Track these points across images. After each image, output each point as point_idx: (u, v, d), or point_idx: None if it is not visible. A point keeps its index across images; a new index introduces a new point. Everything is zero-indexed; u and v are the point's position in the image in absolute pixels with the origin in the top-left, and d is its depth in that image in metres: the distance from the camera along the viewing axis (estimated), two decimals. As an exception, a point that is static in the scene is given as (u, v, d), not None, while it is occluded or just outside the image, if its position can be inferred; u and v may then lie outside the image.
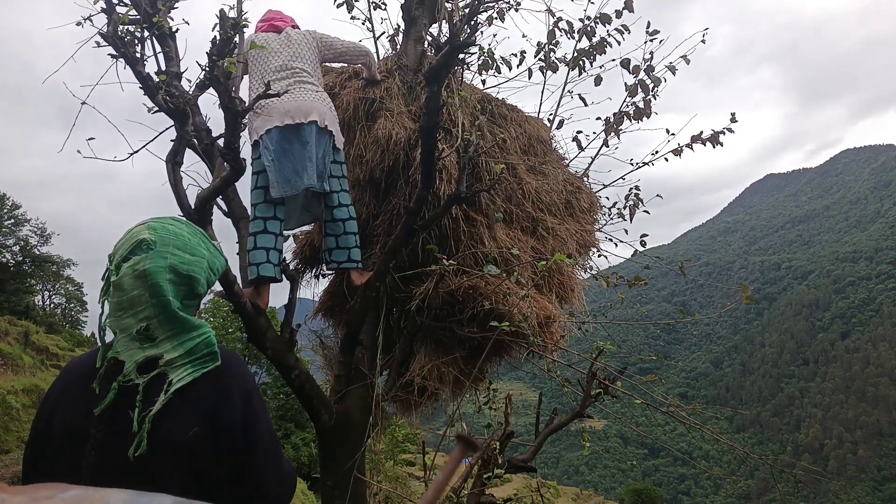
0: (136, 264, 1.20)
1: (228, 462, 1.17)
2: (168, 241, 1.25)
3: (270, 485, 1.24)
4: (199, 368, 1.18)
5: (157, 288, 1.20)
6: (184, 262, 1.25)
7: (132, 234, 1.25)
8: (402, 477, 16.76)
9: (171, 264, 1.23)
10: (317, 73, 2.92)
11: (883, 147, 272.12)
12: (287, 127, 2.68)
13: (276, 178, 2.68)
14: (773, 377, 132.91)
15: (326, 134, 2.78)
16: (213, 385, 1.19)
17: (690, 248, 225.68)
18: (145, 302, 1.19)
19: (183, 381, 1.16)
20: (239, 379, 1.24)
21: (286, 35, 2.92)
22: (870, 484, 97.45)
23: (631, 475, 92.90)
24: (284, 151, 2.69)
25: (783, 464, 3.69)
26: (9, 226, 26.85)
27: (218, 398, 1.18)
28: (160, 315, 1.19)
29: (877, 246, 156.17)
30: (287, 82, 2.76)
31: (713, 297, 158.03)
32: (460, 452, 0.73)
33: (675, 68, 3.95)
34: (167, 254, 1.23)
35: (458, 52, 2.22)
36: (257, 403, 1.24)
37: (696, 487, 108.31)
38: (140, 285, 1.20)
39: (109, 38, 2.52)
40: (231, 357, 1.27)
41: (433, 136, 2.44)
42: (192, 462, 1.13)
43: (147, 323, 1.19)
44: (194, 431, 1.13)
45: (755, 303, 5.23)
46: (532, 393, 4.10)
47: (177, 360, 1.18)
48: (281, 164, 2.69)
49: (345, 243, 2.88)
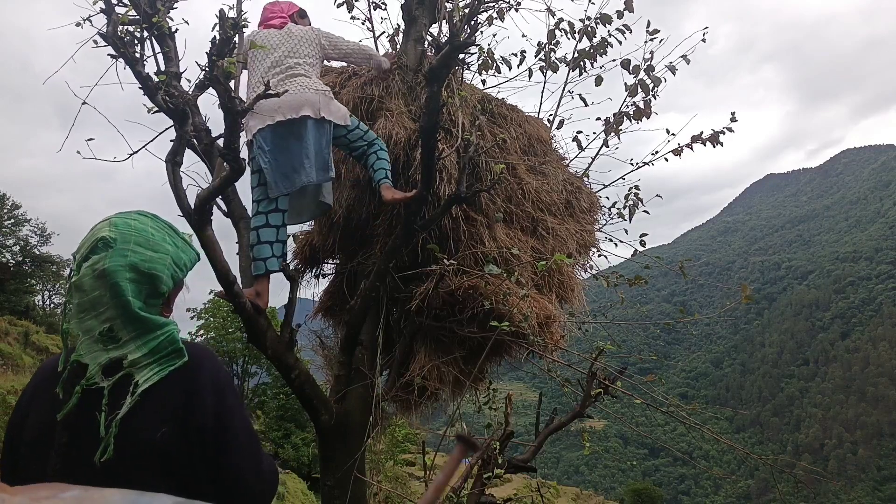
0: (96, 263, 1.17)
1: (203, 461, 1.15)
2: (129, 237, 1.21)
3: (249, 482, 1.21)
4: (165, 367, 1.15)
5: (117, 288, 1.16)
6: (145, 259, 1.20)
7: (93, 232, 1.21)
8: (402, 477, 16.77)
9: (131, 262, 1.19)
10: (315, 68, 2.89)
11: (883, 147, 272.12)
12: (279, 124, 2.67)
13: (274, 177, 2.68)
14: (773, 377, 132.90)
15: (325, 123, 2.76)
16: (182, 383, 1.15)
17: (690, 248, 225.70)
18: (107, 303, 1.16)
19: (150, 381, 1.12)
20: (211, 375, 1.20)
21: (287, 31, 2.90)
22: (870, 484, 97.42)
23: (631, 475, 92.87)
24: (280, 149, 2.68)
25: (783, 464, 3.69)
26: (9, 226, 26.85)
27: (188, 396, 1.15)
28: (122, 316, 1.16)
29: (877, 246, 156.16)
30: (278, 78, 2.74)
31: (713, 297, 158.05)
32: (460, 452, 0.72)
33: (675, 68, 3.95)
34: (127, 251, 1.19)
35: (459, 53, 2.22)
36: (231, 399, 1.21)
37: (696, 487, 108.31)
38: (100, 286, 1.16)
39: (109, 39, 2.52)
40: (202, 353, 1.23)
41: (433, 136, 2.43)
42: (165, 463, 1.11)
43: (110, 324, 1.15)
44: (163, 432, 1.10)
45: (755, 303, 5.23)
46: (532, 393, 4.10)
47: (141, 361, 1.14)
48: (278, 162, 2.68)
49: (381, 165, 2.86)
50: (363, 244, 3.30)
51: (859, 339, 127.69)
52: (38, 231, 27.96)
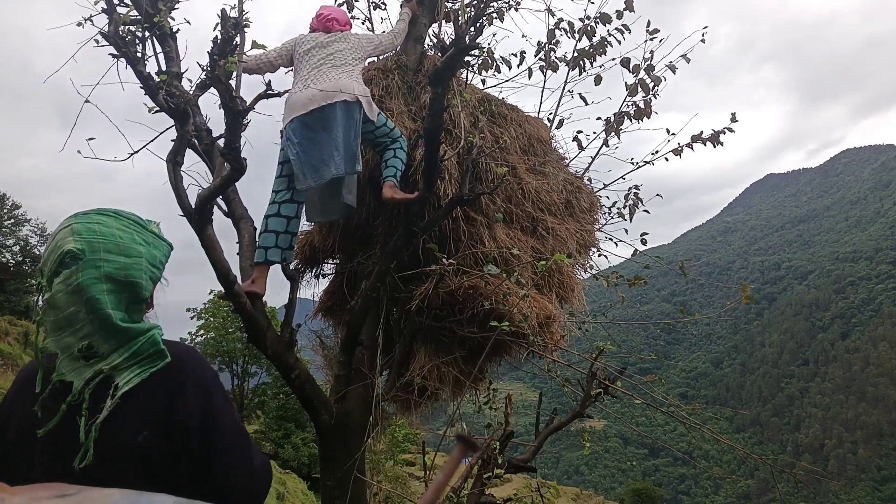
0: (69, 279, 1.09)
1: (191, 462, 1.13)
2: (97, 246, 1.12)
3: (239, 481, 1.18)
4: (146, 369, 1.12)
5: (95, 303, 1.09)
6: (119, 267, 1.13)
7: (56, 243, 1.13)
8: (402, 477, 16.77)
9: (105, 273, 1.11)
10: (356, 68, 2.94)
11: (883, 147, 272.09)
12: (310, 114, 2.71)
13: (302, 168, 2.70)
14: (773, 377, 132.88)
15: (356, 110, 2.78)
16: (164, 384, 1.12)
17: (690, 247, 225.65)
18: (83, 318, 1.10)
19: (130, 383, 1.09)
20: (195, 375, 1.17)
21: (342, 35, 2.97)
22: (870, 484, 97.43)
23: (631, 475, 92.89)
24: (310, 140, 2.72)
25: (783, 464, 3.69)
26: (9, 226, 26.84)
27: (171, 397, 1.12)
28: (102, 331, 1.11)
29: (877, 246, 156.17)
30: (318, 70, 2.82)
31: (713, 297, 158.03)
32: (460, 452, 0.72)
33: (675, 67, 3.95)
34: (99, 261, 1.11)
35: (464, 55, 2.21)
36: (217, 399, 1.18)
37: (696, 487, 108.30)
38: (75, 301, 1.09)
39: (111, 38, 2.52)
40: (186, 353, 1.19)
41: (437, 138, 2.43)
42: (147, 465, 1.09)
43: (89, 340, 1.10)
44: (144, 434, 1.08)
45: (755, 303, 5.23)
46: (532, 393, 4.10)
47: (121, 364, 1.11)
48: (307, 154, 2.71)
49: (393, 164, 2.88)
50: (363, 244, 3.30)
51: (859, 339, 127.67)
52: (38, 231, 27.95)
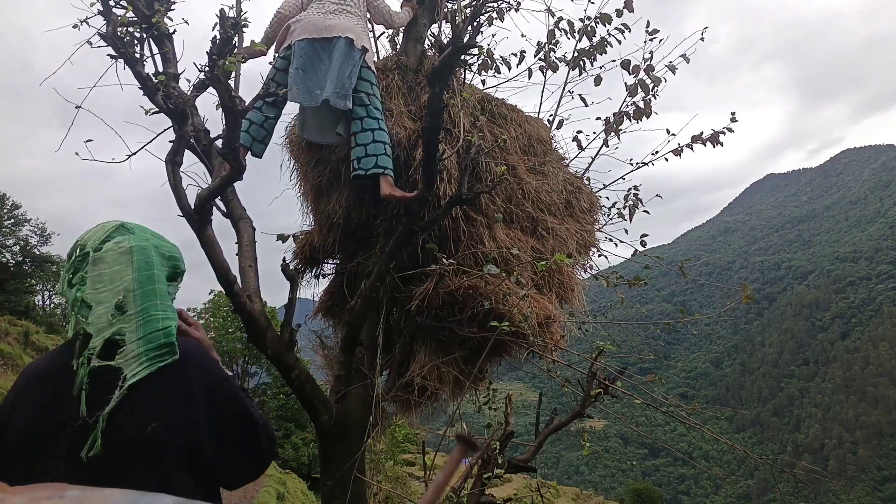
0: (121, 242, 1.24)
1: (197, 458, 1.15)
2: (143, 229, 1.32)
3: (248, 473, 1.29)
4: (155, 362, 1.15)
5: (147, 260, 1.24)
6: (162, 245, 1.32)
7: (100, 226, 1.29)
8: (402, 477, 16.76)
9: (154, 244, 1.30)
10: (361, 19, 3.01)
11: (883, 147, 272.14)
12: (321, 40, 2.80)
13: (299, 86, 2.77)
14: (773, 377, 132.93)
15: (357, 52, 2.85)
16: (171, 380, 1.16)
17: (690, 248, 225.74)
18: (127, 275, 1.21)
19: (138, 375, 1.13)
20: (201, 371, 1.22)
21: None
22: (870, 484, 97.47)
23: (631, 475, 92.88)
24: (312, 64, 2.80)
25: (783, 464, 3.69)
26: (9, 226, 26.85)
27: (179, 391, 1.16)
28: (140, 288, 1.21)
29: (877, 246, 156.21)
30: (327, 9, 2.91)
31: (713, 297, 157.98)
32: (460, 452, 0.72)
33: (675, 67, 3.95)
34: (147, 237, 1.30)
35: (461, 54, 2.21)
36: (223, 394, 1.22)
37: (696, 487, 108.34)
38: (124, 260, 1.23)
39: (109, 39, 2.52)
40: (192, 349, 1.24)
41: (435, 137, 2.43)
42: (154, 458, 1.10)
43: (123, 296, 1.19)
44: (153, 427, 1.10)
45: (755, 303, 5.23)
46: (532, 393, 4.10)
47: (132, 350, 1.15)
48: (307, 74, 2.78)
49: (373, 150, 2.85)
50: (363, 244, 3.30)
51: (859, 339, 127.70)
52: (38, 231, 27.98)
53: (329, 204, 3.24)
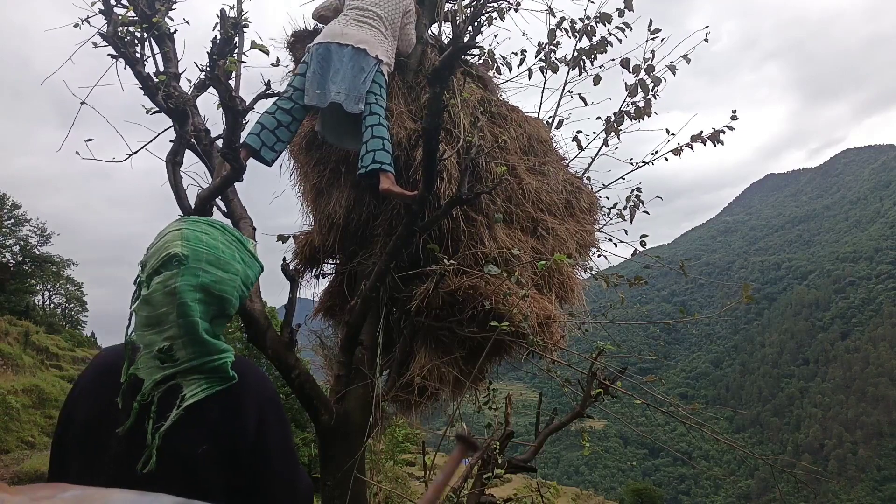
0: (168, 280, 1.16)
1: (238, 479, 1.16)
2: (201, 255, 1.19)
3: (282, 501, 1.22)
4: (213, 385, 1.16)
5: (186, 308, 1.15)
6: (216, 280, 1.20)
7: (164, 244, 1.19)
8: (402, 477, 16.75)
9: (202, 283, 1.18)
10: (390, 27, 3.04)
11: (883, 147, 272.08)
12: (338, 45, 2.87)
13: (314, 87, 2.82)
14: (773, 377, 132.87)
15: (372, 60, 2.89)
16: (225, 402, 1.16)
17: (690, 247, 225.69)
18: (172, 321, 1.15)
19: (195, 396, 1.13)
20: (254, 393, 1.21)
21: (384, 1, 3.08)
22: (870, 484, 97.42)
23: (631, 475, 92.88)
24: (328, 65, 2.86)
25: (783, 464, 3.69)
26: (9, 226, 26.85)
27: (230, 416, 1.16)
28: (185, 336, 1.15)
29: (877, 246, 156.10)
30: (351, 16, 2.97)
31: (713, 297, 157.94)
32: (460, 452, 0.72)
33: (675, 68, 3.95)
34: (199, 271, 1.18)
35: (462, 54, 2.21)
36: (272, 417, 1.21)
37: (696, 487, 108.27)
38: (169, 302, 1.15)
39: (109, 39, 2.52)
40: (248, 370, 1.23)
41: (435, 137, 2.43)
42: (200, 480, 1.12)
43: (171, 343, 1.15)
44: (203, 449, 1.12)
45: (755, 303, 5.23)
46: (532, 393, 4.11)
47: (192, 373, 1.15)
48: (321, 76, 2.84)
49: (372, 146, 2.84)
50: (363, 244, 3.30)
51: (859, 339, 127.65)
52: (38, 231, 27.98)
53: (329, 204, 3.24)
